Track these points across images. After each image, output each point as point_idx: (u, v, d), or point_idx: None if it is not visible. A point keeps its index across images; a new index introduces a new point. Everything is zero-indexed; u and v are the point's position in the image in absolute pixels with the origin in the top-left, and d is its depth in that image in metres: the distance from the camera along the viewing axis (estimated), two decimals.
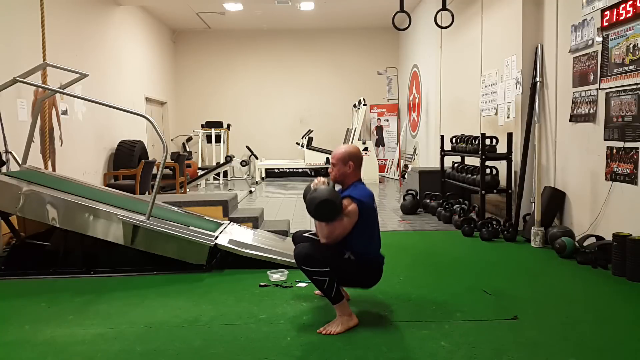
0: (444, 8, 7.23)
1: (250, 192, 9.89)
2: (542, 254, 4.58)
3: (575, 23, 4.79)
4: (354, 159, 3.08)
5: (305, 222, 6.30)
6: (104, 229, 4.04)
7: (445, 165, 7.10)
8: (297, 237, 3.41)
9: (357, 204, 2.93)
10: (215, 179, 12.07)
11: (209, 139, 12.51)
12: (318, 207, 2.84)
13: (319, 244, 2.94)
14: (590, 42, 4.56)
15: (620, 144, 4.15)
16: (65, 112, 7.16)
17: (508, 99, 5.97)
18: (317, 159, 12.20)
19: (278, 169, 12.72)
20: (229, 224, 4.75)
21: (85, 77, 5.10)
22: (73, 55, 7.46)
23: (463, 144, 6.41)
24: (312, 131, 12.69)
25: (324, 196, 2.83)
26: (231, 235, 4.39)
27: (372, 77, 12.57)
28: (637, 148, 3.96)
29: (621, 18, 4.10)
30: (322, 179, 3.03)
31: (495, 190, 5.77)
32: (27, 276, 4.01)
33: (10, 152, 5.02)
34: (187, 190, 9.42)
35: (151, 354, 2.59)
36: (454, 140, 6.81)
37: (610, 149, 4.29)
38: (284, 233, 5.04)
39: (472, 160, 6.49)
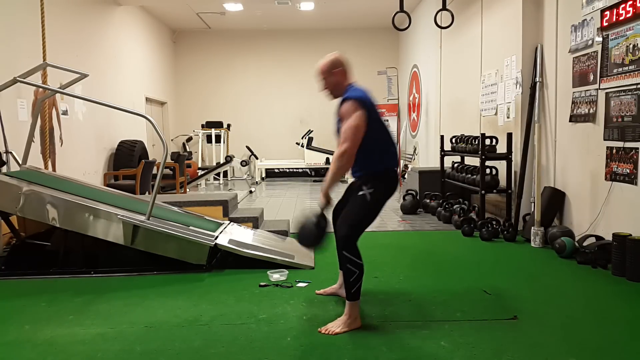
0: (444, 8, 7.24)
1: (250, 192, 9.89)
2: (542, 254, 4.58)
3: (575, 23, 4.79)
4: (339, 64, 2.98)
5: None
6: (104, 229, 4.04)
7: (445, 165, 7.10)
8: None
9: (359, 104, 2.79)
10: (215, 179, 12.08)
11: (209, 139, 12.51)
12: (308, 236, 2.87)
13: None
14: (590, 42, 4.56)
15: (620, 144, 4.15)
16: (65, 112, 7.16)
17: (508, 99, 5.97)
18: (317, 159, 12.18)
19: (278, 169, 12.72)
20: (229, 224, 4.75)
21: (85, 77, 5.10)
22: (73, 55, 7.46)
23: (463, 144, 6.41)
24: (312, 131, 12.68)
25: (307, 228, 2.85)
26: (231, 235, 4.39)
27: (372, 77, 12.53)
28: (637, 148, 3.96)
29: (621, 18, 4.10)
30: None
31: (495, 190, 5.76)
32: (27, 276, 4.01)
33: (10, 152, 5.01)
34: (187, 190, 9.42)
35: (151, 354, 2.59)
36: (453, 140, 6.81)
37: (610, 149, 4.29)
38: (284, 233, 5.03)
39: (472, 160, 6.49)
